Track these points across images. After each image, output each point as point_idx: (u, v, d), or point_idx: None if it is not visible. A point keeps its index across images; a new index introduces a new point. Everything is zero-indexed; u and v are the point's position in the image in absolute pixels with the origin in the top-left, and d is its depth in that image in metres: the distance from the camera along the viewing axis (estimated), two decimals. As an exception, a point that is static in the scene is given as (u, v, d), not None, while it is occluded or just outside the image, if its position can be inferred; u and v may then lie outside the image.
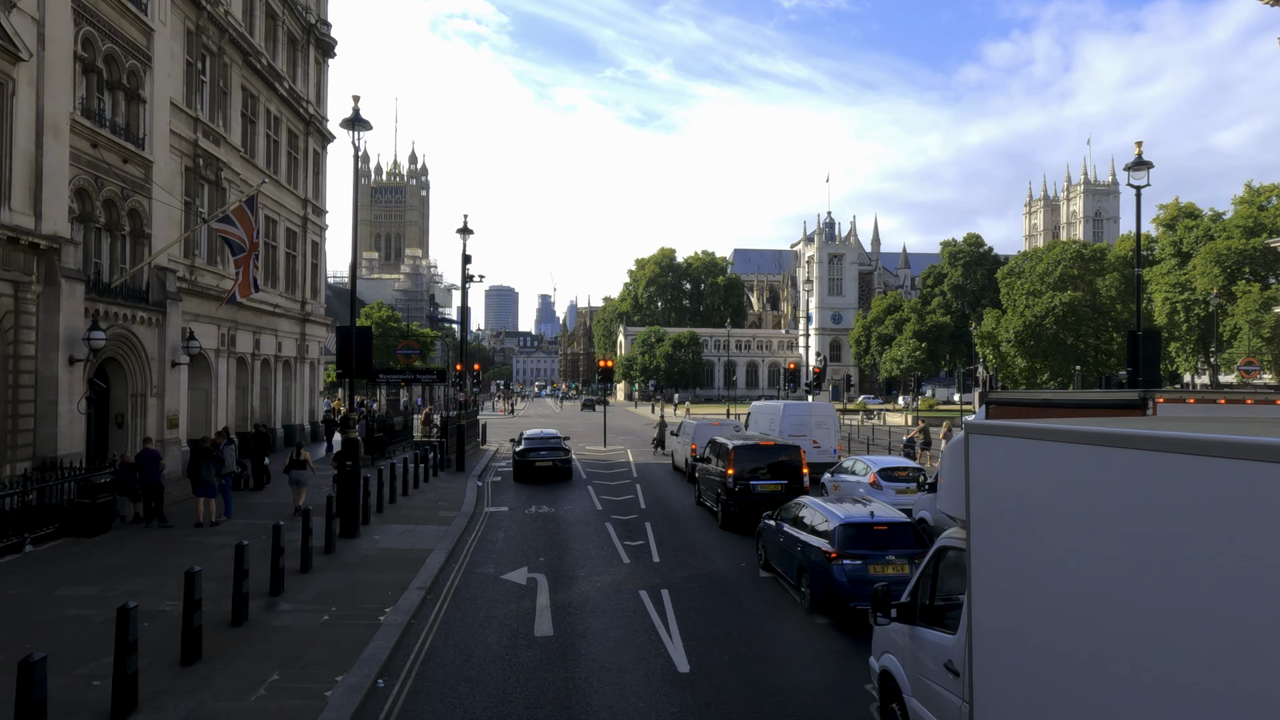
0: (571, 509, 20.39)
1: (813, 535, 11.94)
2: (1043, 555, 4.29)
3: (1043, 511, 4.34)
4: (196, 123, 23.50)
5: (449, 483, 24.75)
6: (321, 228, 35.87)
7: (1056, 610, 4.13)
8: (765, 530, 14.23)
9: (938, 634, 6.38)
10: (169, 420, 21.06)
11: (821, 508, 12.34)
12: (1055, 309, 64.42)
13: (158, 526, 16.37)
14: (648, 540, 16.47)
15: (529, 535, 17.07)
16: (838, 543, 11.26)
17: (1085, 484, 3.94)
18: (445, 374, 34.13)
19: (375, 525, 17.38)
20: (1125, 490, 3.65)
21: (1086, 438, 3.94)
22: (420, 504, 20.58)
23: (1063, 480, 4.15)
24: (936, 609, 6.60)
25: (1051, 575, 4.18)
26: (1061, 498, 4.17)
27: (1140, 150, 18.67)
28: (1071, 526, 4.03)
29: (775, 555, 13.56)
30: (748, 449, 18.41)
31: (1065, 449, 4.11)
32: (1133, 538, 3.57)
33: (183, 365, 21.70)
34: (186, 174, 23.32)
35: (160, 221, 21.11)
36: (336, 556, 14.33)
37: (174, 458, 21.20)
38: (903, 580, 9.91)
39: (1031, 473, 4.46)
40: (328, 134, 35.91)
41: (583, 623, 11.08)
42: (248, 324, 27.87)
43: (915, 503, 17.55)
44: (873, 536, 11.37)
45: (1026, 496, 4.55)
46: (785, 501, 16.54)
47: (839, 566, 11.07)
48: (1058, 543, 4.15)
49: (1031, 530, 4.43)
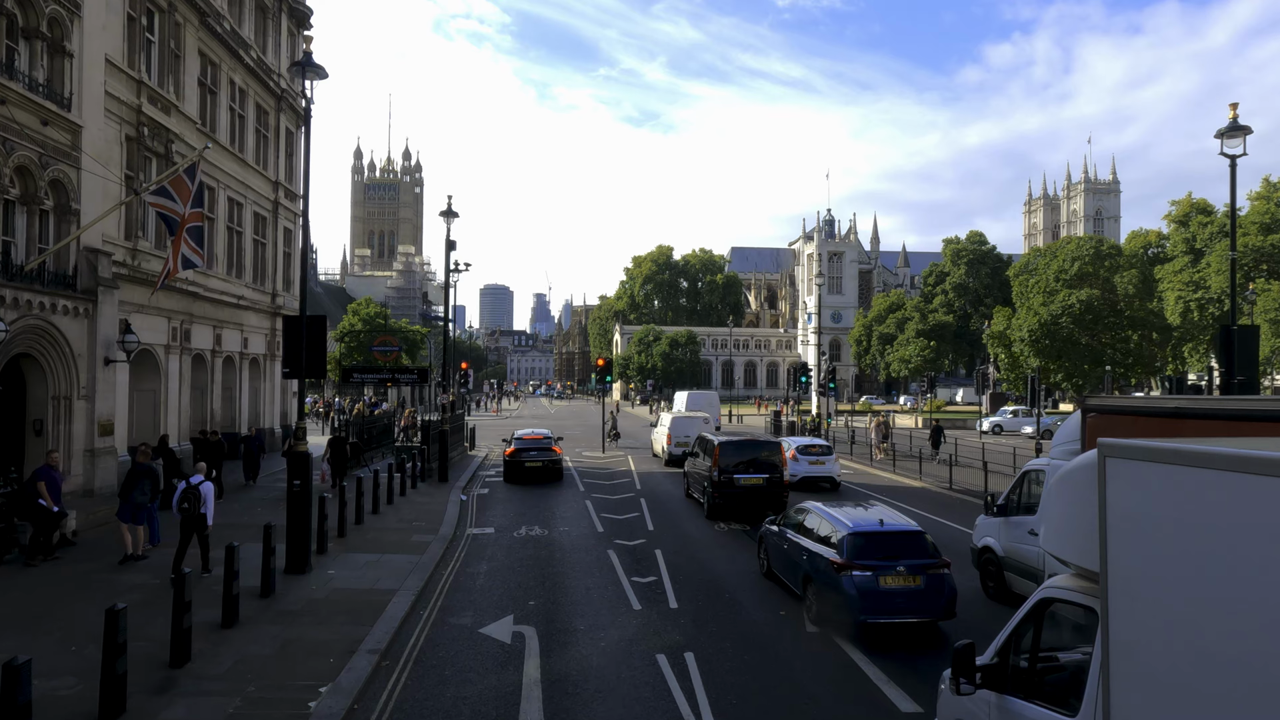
0: (568, 531, 17.58)
1: (819, 544, 11.38)
2: (1221, 624, 3.28)
3: (1224, 567, 3.29)
4: (141, 86, 20.60)
5: (429, 496, 21.91)
6: (295, 213, 32.94)
7: (1235, 696, 3.16)
8: (767, 535, 13.62)
9: (1045, 711, 4.97)
10: (101, 426, 18.18)
11: (828, 514, 11.76)
12: (1072, 307, 61.83)
13: (42, 561, 13.35)
14: (660, 575, 13.65)
15: (517, 567, 14.25)
16: (847, 553, 10.63)
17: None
18: (426, 373, 31.23)
19: (334, 554, 14.54)
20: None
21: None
22: (393, 524, 17.75)
23: (1261, 527, 3.11)
24: (1037, 674, 5.36)
25: (1233, 651, 3.20)
26: (1254, 551, 3.14)
27: (1235, 113, 16.01)
28: (1267, 587, 3.03)
29: (778, 563, 12.96)
30: (732, 445, 19.54)
31: (1268, 484, 3.05)
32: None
33: (119, 363, 18.81)
34: (128, 144, 20.41)
35: (93, 197, 18.21)
36: (275, 602, 11.49)
37: (108, 470, 18.33)
38: (914, 592, 10.28)
39: (1209, 513, 3.41)
40: (302, 112, 32.97)
41: (584, 710, 8.27)
42: (206, 317, 24.97)
43: (826, 471, 24.35)
44: (884, 545, 10.78)
45: (1200, 545, 3.45)
46: (765, 494, 18.61)
47: (849, 579, 10.39)
48: (1244, 608, 3.16)
49: (1213, 593, 3.35)
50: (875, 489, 24.34)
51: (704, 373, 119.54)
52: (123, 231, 20.23)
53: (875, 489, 24.34)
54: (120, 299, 19.25)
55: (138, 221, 20.79)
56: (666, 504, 21.34)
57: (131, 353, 18.92)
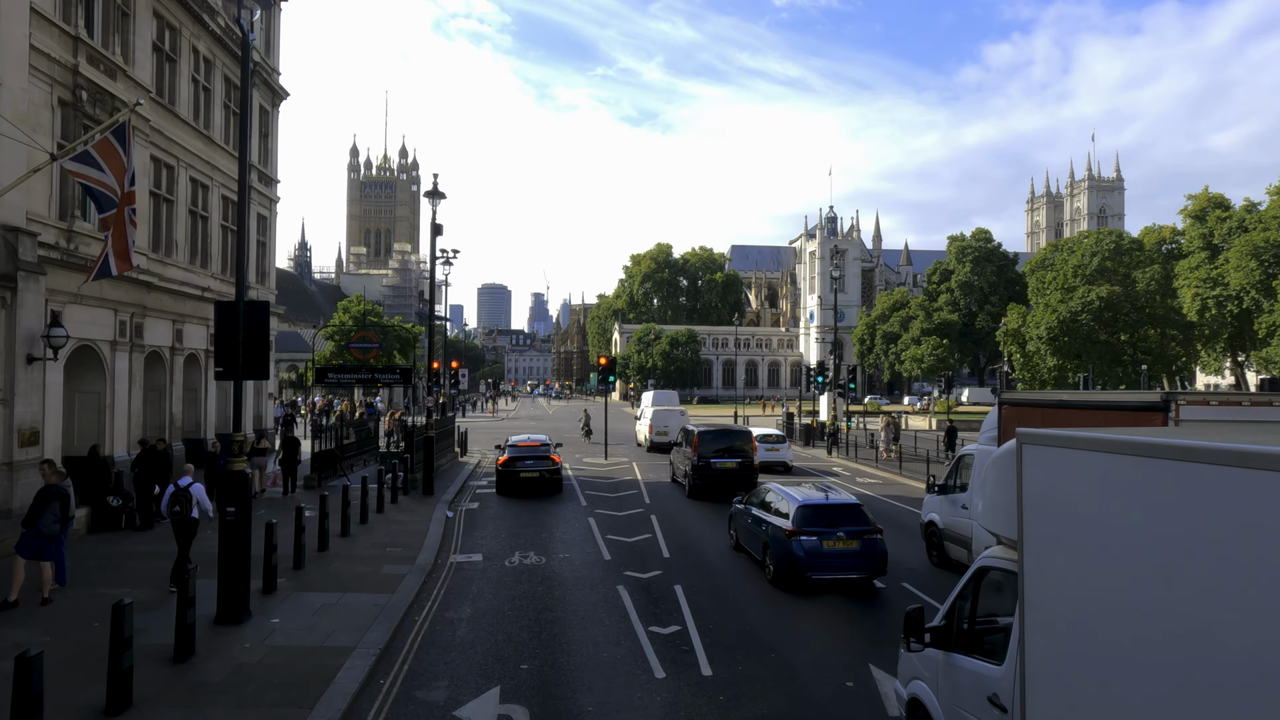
0: (569, 558, 14.97)
1: (775, 516, 13.26)
2: (1116, 584, 3.84)
3: (1116, 535, 3.87)
4: (77, 44, 17.94)
5: (410, 513, 19.28)
6: (271, 199, 30.30)
7: (1126, 640, 3.76)
8: (736, 514, 15.62)
9: (980, 663, 5.78)
10: (22, 435, 15.53)
11: (784, 492, 13.72)
12: (1092, 303, 59.30)
13: None
14: (685, 623, 11.02)
15: (508, 611, 11.63)
16: (796, 521, 12.57)
17: (1170, 505, 3.55)
18: (410, 372, 28.57)
19: (285, 593, 11.92)
20: (1222, 514, 3.25)
21: (1175, 453, 3.53)
22: (363, 550, 15.13)
23: (1142, 500, 3.74)
24: (976, 634, 6.02)
25: (1127, 607, 3.76)
26: (1140, 520, 3.74)
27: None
28: (1152, 553, 3.62)
29: (744, 536, 14.86)
30: (710, 434, 22.75)
31: (1146, 464, 3.69)
32: (1216, 563, 3.23)
33: (45, 361, 16.15)
34: (62, 109, 17.75)
35: (13, 168, 15.54)
36: (190, 670, 8.85)
37: (30, 487, 15.61)
38: (851, 554, 12.33)
39: (1103, 490, 4.02)
40: (279, 89, 30.35)
41: None
42: (163, 310, 22.29)
43: (780, 457, 28.32)
44: (827, 516, 12.67)
45: (1095, 517, 4.04)
46: (738, 477, 21.36)
47: (797, 542, 12.42)
48: (1135, 571, 3.72)
49: (1102, 555, 3.96)
50: (888, 495, 21.77)
51: (704, 372, 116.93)
52: (55, 209, 17.58)
53: (888, 495, 21.77)
54: (50, 287, 16.59)
55: (75, 199, 18.13)
56: (681, 521, 18.71)
57: (59, 349, 16.25)
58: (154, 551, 14.36)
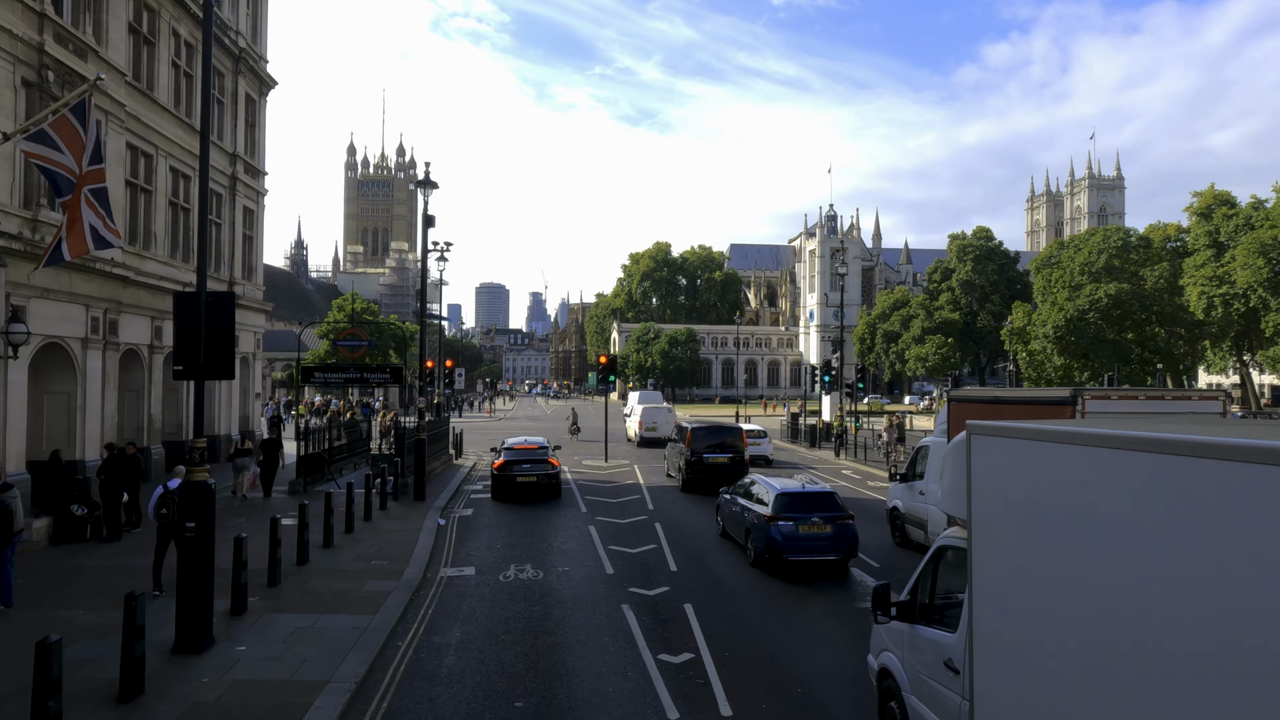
0: (569, 572, 13.86)
1: (757, 504, 14.31)
2: (1045, 555, 4.23)
3: (1045, 512, 4.29)
4: (43, 20, 16.82)
5: (400, 521, 18.17)
6: (259, 192, 29.16)
7: (1058, 609, 4.09)
8: (722, 503, 16.52)
9: (937, 632, 6.33)
10: (-23, 439, 14.42)
11: (765, 482, 14.77)
12: (1099, 301, 58.22)
13: None
14: (698, 650, 9.91)
15: (501, 636, 10.50)
16: (775, 508, 13.59)
17: (1086, 485, 3.93)
18: (401, 371, 27.43)
19: (254, 615, 10.80)
20: (1126, 491, 3.66)
21: (1089, 439, 3.93)
22: (347, 563, 14.02)
23: (1065, 481, 4.13)
24: (936, 607, 6.54)
25: (1053, 575, 4.13)
26: (1063, 499, 4.14)
27: None
28: (1073, 527, 4.00)
29: (730, 524, 15.87)
30: (702, 430, 23.89)
31: (1067, 450, 4.10)
32: (1133, 538, 3.56)
33: (5, 359, 15.02)
34: (26, 90, 16.64)
35: (-28, 151, 14.44)
36: (138, 710, 7.72)
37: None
38: (825, 538, 13.42)
39: (1034, 474, 4.43)
40: (267, 77, 29.21)
41: None
42: (141, 306, 21.14)
43: (762, 451, 29.85)
44: (803, 503, 13.66)
45: (1029, 497, 4.50)
46: (729, 471, 21.92)
47: (775, 527, 13.41)
48: (1060, 543, 4.10)
49: (1034, 531, 4.38)
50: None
51: (704, 371, 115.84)
52: (18, 197, 16.46)
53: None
54: (11, 280, 15.49)
55: (41, 186, 17.00)
56: (687, 528, 17.60)
57: (19, 346, 15.13)
58: (119, 566, 13.25)
